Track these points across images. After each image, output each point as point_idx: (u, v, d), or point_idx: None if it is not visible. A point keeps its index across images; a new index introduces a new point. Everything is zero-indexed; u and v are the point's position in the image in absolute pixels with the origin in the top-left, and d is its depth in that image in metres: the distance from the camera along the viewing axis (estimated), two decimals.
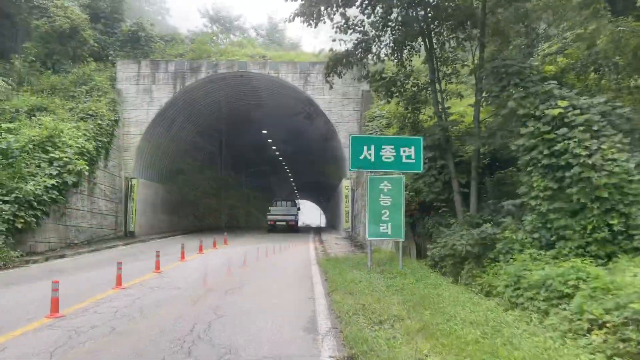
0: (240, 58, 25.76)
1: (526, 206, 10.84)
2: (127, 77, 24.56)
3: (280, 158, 46.92)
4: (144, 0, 61.78)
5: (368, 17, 14.26)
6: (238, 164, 44.95)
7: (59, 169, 16.54)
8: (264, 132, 35.78)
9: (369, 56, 14.14)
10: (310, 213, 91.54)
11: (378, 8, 13.96)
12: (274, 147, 41.56)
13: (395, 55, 14.97)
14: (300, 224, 38.17)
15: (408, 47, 15.12)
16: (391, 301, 7.98)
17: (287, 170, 55.13)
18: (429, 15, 13.63)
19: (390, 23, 14.15)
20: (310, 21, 13.40)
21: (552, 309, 7.78)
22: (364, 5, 13.62)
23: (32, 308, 7.49)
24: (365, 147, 10.96)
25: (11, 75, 21.13)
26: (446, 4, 13.30)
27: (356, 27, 13.62)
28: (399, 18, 13.30)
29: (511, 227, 10.91)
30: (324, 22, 13.14)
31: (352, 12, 14.47)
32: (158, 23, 42.72)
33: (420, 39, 14.75)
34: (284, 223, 32.28)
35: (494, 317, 6.66)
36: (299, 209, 37.15)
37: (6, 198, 14.01)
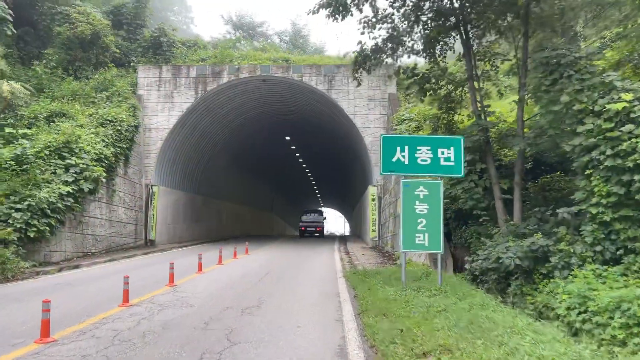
0: (262, 62, 25.04)
1: (584, 214, 9.51)
2: (148, 83, 24.11)
3: (304, 165, 46.07)
4: (169, 10, 62.62)
5: (398, 10, 13.20)
6: (261, 170, 44.31)
7: (75, 175, 15.96)
8: (287, 138, 34.94)
9: (400, 50, 12.99)
10: (334, 221, 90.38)
11: (408, 0, 12.90)
12: (297, 154, 40.73)
13: (428, 51, 13.85)
14: (325, 232, 43.04)
15: (441, 43, 13.99)
16: (434, 325, 6.80)
17: (311, 177, 54.21)
18: (466, 4, 12.45)
19: (422, 17, 13.06)
20: (336, 15, 12.42)
21: (631, 338, 6.48)
22: None
23: (24, 330, 6.63)
24: (398, 149, 9.80)
25: (31, 81, 20.87)
26: None
27: (385, 20, 12.53)
28: (434, 7, 12.15)
29: (567, 239, 9.59)
30: (351, 15, 12.11)
31: (381, 4, 13.43)
32: (183, 32, 42.75)
33: (454, 34, 13.62)
34: (313, 228, 39.40)
35: (566, 352, 5.41)
36: (325, 218, 42.80)
37: (18, 206, 13.41)
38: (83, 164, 16.39)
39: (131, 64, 25.24)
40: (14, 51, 22.51)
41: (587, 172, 9.23)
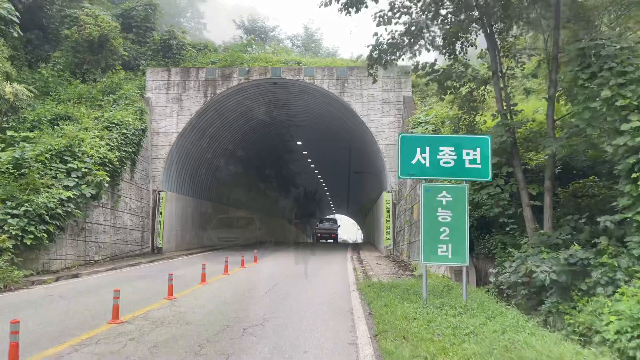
0: (273, 64, 24.33)
1: (629, 223, 8.46)
2: (156, 86, 23.55)
3: (316, 171, 45.31)
4: (182, 16, 62.65)
5: (415, 4, 12.31)
6: (272, 176, 43.61)
7: (76, 180, 15.30)
8: (299, 143, 34.17)
9: (418, 45, 12.06)
10: (346, 229, 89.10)
11: None
12: (309, 160, 39.92)
13: (448, 48, 12.93)
14: (338, 239, 46.91)
15: (462, 40, 13.08)
16: (463, 352, 5.84)
17: (322, 182, 53.37)
18: None
19: (441, 11, 12.15)
20: (350, 8, 11.59)
21: None
22: None
23: None
24: (418, 149, 8.87)
25: (37, 84, 20.42)
26: None
27: (403, 12, 11.62)
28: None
29: (609, 251, 8.54)
30: (366, 7, 11.26)
31: None
32: (195, 38, 42.33)
33: (477, 29, 12.69)
34: (328, 235, 43.31)
35: None
36: (339, 225, 47.11)
37: (15, 212, 12.75)
38: (85, 168, 15.74)
39: (140, 67, 24.74)
40: (21, 54, 22.13)
41: (633, 175, 8.20)
